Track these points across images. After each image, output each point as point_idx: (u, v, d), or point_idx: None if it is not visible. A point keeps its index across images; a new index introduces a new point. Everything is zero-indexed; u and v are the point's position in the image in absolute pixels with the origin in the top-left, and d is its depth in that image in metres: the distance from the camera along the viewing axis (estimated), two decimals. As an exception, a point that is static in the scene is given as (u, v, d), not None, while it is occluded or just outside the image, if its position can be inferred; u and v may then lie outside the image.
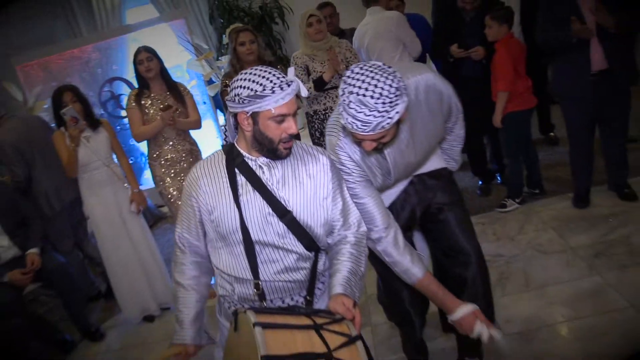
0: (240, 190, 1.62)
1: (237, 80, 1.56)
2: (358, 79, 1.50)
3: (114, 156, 3.45)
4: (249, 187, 1.62)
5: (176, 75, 6.29)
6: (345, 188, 1.76)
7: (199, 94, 5.94)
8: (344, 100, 1.52)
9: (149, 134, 3.29)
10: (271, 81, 1.51)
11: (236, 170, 1.63)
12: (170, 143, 3.35)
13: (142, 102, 3.32)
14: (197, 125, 3.48)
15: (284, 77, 1.54)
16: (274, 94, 1.50)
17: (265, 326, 1.35)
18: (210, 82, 5.24)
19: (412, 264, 1.80)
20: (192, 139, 3.52)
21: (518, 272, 2.90)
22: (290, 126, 1.56)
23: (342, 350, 1.40)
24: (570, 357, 2.25)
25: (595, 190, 3.47)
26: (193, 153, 3.45)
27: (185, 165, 3.36)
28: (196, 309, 1.73)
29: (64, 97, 3.21)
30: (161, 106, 3.26)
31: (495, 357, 2.28)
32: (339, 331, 1.45)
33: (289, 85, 1.52)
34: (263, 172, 1.63)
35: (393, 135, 1.65)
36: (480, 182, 4.09)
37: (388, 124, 1.51)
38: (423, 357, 2.43)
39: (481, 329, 1.76)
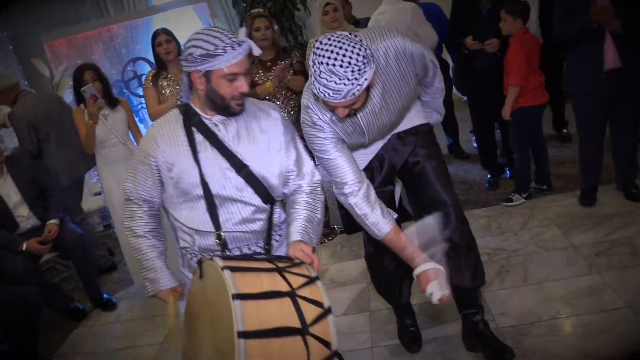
0: (198, 148, 1.67)
1: (191, 40, 1.60)
2: (327, 50, 1.55)
3: (131, 134, 3.51)
4: (207, 144, 1.67)
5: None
6: (299, 140, 1.83)
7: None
8: (315, 71, 1.57)
9: (163, 112, 3.30)
10: (223, 41, 1.55)
11: (193, 128, 1.68)
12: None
13: (159, 82, 3.34)
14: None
15: (235, 37, 1.58)
16: (226, 53, 1.54)
17: (233, 269, 1.43)
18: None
19: (381, 217, 1.84)
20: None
21: (518, 266, 2.87)
22: (242, 85, 1.61)
23: (304, 288, 1.49)
24: (564, 354, 2.22)
25: (603, 189, 3.40)
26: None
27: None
28: (159, 251, 1.76)
29: (85, 75, 3.25)
30: (177, 87, 3.27)
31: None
32: (299, 273, 1.53)
33: (240, 45, 1.57)
34: (219, 130, 1.69)
35: (364, 101, 1.72)
36: (489, 176, 4.04)
37: (358, 90, 1.57)
38: (416, 345, 2.44)
39: (432, 290, 1.73)
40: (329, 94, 1.57)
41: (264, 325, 1.38)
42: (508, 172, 4.03)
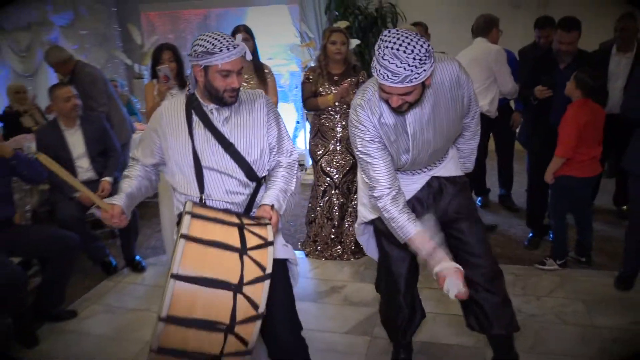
0: (193, 126, 2.04)
1: (196, 40, 1.96)
2: (394, 36, 1.74)
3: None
4: (201, 124, 2.04)
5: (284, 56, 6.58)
6: (282, 121, 2.16)
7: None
8: (379, 54, 1.76)
9: None
10: (221, 42, 1.90)
11: (192, 111, 2.05)
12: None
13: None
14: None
15: (232, 40, 1.93)
16: (222, 52, 1.89)
17: (195, 215, 1.73)
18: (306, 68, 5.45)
19: (408, 221, 1.99)
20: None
21: (529, 332, 2.84)
22: (233, 81, 1.95)
23: (255, 250, 1.71)
24: None
25: (643, 277, 3.30)
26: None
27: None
28: (133, 189, 2.10)
29: (164, 54, 3.50)
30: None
31: None
32: (258, 234, 1.77)
33: (235, 48, 1.91)
34: (212, 114, 2.04)
35: (418, 96, 1.86)
36: (530, 234, 4.00)
37: (416, 78, 1.74)
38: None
39: (449, 287, 1.82)
40: (387, 76, 1.74)
41: (200, 271, 1.61)
42: (552, 235, 3.96)
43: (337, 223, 3.85)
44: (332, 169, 3.78)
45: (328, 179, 3.79)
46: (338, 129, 3.72)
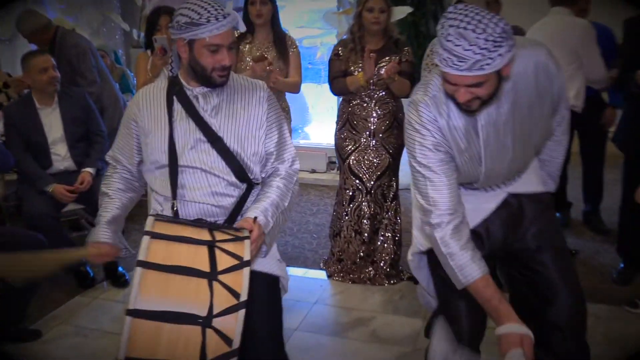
0: (175, 117, 2.06)
1: (179, 8, 1.96)
2: (461, 13, 1.65)
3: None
4: (184, 114, 2.06)
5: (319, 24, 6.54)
6: (284, 123, 2.19)
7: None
8: (442, 34, 1.67)
9: None
10: (208, 11, 1.90)
11: (174, 97, 2.08)
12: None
13: (240, 46, 3.54)
14: (296, 88, 3.67)
15: (222, 9, 1.93)
16: (209, 23, 1.89)
17: (155, 235, 1.74)
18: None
19: (471, 261, 1.89)
20: (286, 102, 3.70)
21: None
22: (224, 58, 1.97)
23: (227, 274, 1.71)
24: None
25: None
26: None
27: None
28: (114, 213, 2.13)
29: (161, 20, 3.48)
30: (257, 54, 3.46)
31: None
32: (232, 252, 1.77)
33: (224, 18, 1.91)
34: (198, 101, 2.07)
35: (492, 90, 1.76)
36: (622, 265, 3.83)
37: (488, 65, 1.64)
38: None
39: (514, 357, 1.77)
40: (452, 62, 1.65)
41: (161, 304, 1.62)
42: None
43: (368, 238, 3.78)
44: (362, 169, 3.72)
45: (357, 181, 3.73)
46: (372, 119, 3.66)
